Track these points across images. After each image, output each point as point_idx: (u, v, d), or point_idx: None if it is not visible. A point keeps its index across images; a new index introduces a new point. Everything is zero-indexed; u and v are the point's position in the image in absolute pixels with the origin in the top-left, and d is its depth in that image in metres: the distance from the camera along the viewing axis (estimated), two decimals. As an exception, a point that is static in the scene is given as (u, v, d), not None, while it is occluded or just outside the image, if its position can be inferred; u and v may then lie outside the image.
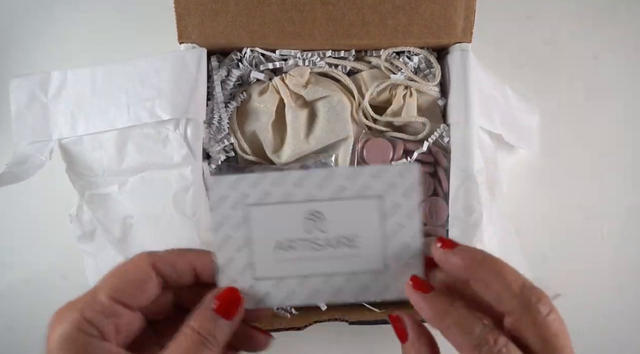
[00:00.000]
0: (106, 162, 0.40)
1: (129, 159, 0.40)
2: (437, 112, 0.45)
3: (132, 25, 0.51)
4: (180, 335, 0.27)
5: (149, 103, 0.39)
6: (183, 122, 0.39)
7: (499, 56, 0.52)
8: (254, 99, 0.43)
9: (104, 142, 0.40)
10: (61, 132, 0.39)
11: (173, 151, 0.39)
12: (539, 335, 0.26)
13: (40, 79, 0.40)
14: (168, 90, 0.39)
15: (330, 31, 0.41)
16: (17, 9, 0.51)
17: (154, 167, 0.40)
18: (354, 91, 0.44)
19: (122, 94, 0.39)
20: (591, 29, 0.53)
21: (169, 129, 0.39)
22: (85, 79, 0.40)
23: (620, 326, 0.54)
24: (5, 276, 0.52)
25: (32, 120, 0.40)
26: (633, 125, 0.54)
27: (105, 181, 0.41)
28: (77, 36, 0.51)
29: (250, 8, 0.40)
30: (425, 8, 0.40)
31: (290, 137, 0.42)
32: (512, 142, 0.47)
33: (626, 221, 0.54)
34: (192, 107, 0.39)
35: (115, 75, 0.40)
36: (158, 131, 0.39)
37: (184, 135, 0.39)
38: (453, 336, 0.27)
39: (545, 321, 0.26)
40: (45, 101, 0.40)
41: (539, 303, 0.26)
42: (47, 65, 0.50)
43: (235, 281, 0.28)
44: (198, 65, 0.40)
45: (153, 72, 0.39)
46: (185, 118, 0.39)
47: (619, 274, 0.54)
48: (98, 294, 0.27)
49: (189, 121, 0.39)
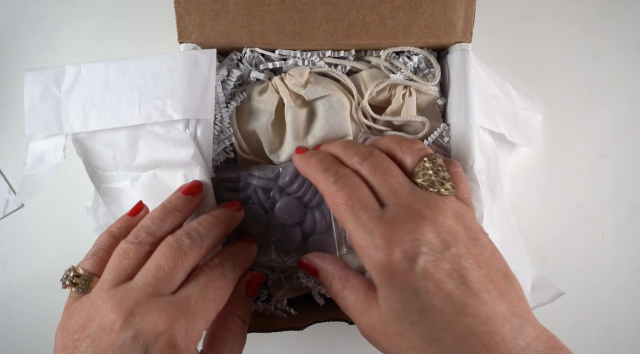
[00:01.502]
0: (119, 157, 0.41)
1: (140, 156, 0.40)
2: (437, 112, 0.45)
3: (132, 25, 0.51)
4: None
5: (161, 102, 0.39)
6: (193, 122, 0.39)
7: (499, 56, 0.52)
8: (253, 99, 0.43)
9: (117, 139, 0.40)
10: (72, 127, 0.39)
11: (182, 151, 0.39)
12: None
13: (55, 73, 0.40)
14: (180, 90, 0.39)
15: (330, 31, 0.41)
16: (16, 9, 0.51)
17: (164, 165, 0.41)
18: (353, 91, 0.44)
19: (134, 92, 0.39)
20: (591, 29, 0.53)
21: (179, 129, 0.39)
22: (98, 75, 0.40)
23: (620, 326, 0.54)
24: (5, 276, 0.52)
25: (44, 114, 0.40)
26: (633, 125, 0.54)
27: (118, 176, 0.41)
28: (77, 36, 0.51)
29: (250, 8, 0.40)
30: (425, 8, 0.40)
31: (290, 136, 0.42)
32: (516, 140, 0.47)
33: (626, 221, 0.54)
34: (203, 108, 0.39)
35: (128, 71, 0.39)
36: (168, 130, 0.39)
37: (193, 135, 0.39)
38: (314, 173, 0.35)
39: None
40: (58, 95, 0.40)
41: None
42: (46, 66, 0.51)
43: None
44: (210, 66, 0.40)
45: (165, 71, 0.39)
46: (195, 119, 0.39)
47: (619, 274, 0.54)
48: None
49: (200, 121, 0.39)
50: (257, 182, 0.41)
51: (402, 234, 0.29)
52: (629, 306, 0.54)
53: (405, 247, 0.28)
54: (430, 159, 0.33)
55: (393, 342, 0.30)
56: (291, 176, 0.41)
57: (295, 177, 0.41)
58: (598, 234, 0.54)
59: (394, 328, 0.29)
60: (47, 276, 0.52)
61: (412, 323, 0.28)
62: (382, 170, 0.32)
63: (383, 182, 0.32)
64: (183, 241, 0.32)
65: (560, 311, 0.52)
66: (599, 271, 0.54)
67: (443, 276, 0.28)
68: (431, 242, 0.29)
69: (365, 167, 0.33)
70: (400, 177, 0.32)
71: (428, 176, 0.32)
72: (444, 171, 0.33)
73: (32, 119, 0.40)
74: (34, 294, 0.52)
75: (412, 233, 0.29)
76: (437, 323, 0.28)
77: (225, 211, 0.37)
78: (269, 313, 0.44)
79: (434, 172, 0.32)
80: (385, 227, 0.29)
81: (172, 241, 0.32)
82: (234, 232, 0.40)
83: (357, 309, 0.32)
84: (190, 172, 0.39)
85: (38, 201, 0.52)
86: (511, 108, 0.47)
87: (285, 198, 0.41)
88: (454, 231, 0.30)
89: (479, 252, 0.30)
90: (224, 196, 0.41)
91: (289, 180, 0.40)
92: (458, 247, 0.29)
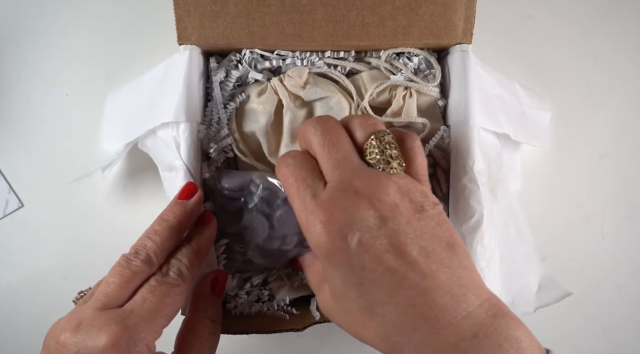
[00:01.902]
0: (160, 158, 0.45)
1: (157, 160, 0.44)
2: (437, 113, 0.45)
3: (131, 26, 0.51)
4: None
5: (153, 109, 0.41)
6: (181, 125, 0.39)
7: (499, 56, 0.52)
8: (252, 100, 0.43)
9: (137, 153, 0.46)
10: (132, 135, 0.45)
11: (171, 154, 0.39)
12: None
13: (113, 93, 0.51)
14: (165, 93, 0.40)
15: (330, 32, 0.40)
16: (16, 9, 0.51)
17: (162, 169, 0.42)
18: (352, 92, 0.43)
19: (134, 109, 0.45)
20: (591, 29, 0.53)
21: (170, 133, 0.39)
22: (119, 98, 0.49)
23: (620, 326, 0.54)
24: (6, 276, 0.52)
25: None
26: (633, 125, 0.54)
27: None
28: (78, 36, 0.51)
29: (250, 9, 0.39)
30: (425, 9, 0.40)
31: (287, 138, 0.42)
32: (522, 140, 0.46)
33: (626, 221, 0.54)
34: (187, 110, 0.39)
35: (131, 93, 0.47)
36: (160, 136, 0.40)
37: (179, 138, 0.39)
38: (278, 162, 0.34)
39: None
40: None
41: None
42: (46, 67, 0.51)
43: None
44: (189, 66, 0.40)
45: (154, 81, 0.42)
46: (181, 121, 0.39)
47: (619, 274, 0.54)
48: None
49: (185, 123, 0.39)
50: (261, 193, 0.40)
51: (337, 213, 0.29)
52: (629, 306, 0.54)
53: (339, 225, 0.28)
54: (378, 136, 0.32)
55: (341, 318, 0.31)
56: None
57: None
58: (598, 234, 0.54)
59: (339, 305, 0.30)
60: (47, 276, 0.52)
61: (354, 299, 0.29)
62: (331, 142, 0.32)
63: (329, 156, 0.31)
64: (132, 261, 0.33)
65: (561, 311, 0.52)
66: (599, 271, 0.54)
67: (381, 252, 0.28)
68: (367, 219, 0.28)
69: (317, 136, 0.32)
70: (348, 152, 0.32)
71: (374, 154, 0.31)
72: (392, 149, 0.32)
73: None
74: (34, 294, 0.52)
75: (347, 211, 0.29)
76: (377, 297, 0.28)
77: (180, 220, 0.36)
78: (270, 314, 0.44)
79: (380, 151, 0.31)
80: (322, 207, 0.29)
81: (122, 260, 0.33)
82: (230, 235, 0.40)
83: (315, 290, 0.36)
84: (178, 174, 0.40)
85: (38, 201, 0.52)
86: (518, 107, 0.47)
87: (284, 207, 0.40)
88: (394, 206, 0.29)
89: (422, 225, 0.29)
90: (224, 203, 0.41)
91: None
92: (396, 222, 0.29)
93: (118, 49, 0.51)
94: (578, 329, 0.54)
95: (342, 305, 0.30)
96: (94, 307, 0.31)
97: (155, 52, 0.45)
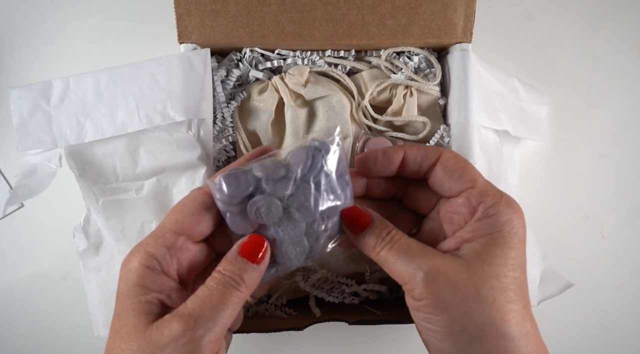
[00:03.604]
0: (119, 168, 0.40)
1: (142, 163, 0.40)
2: (438, 112, 0.45)
3: (131, 26, 0.51)
4: (209, 279, 0.28)
5: (160, 105, 0.39)
6: (195, 122, 0.39)
7: (499, 56, 0.52)
8: (253, 98, 0.43)
9: (116, 148, 0.40)
10: (67, 139, 0.39)
11: (187, 153, 0.39)
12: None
13: (42, 88, 0.39)
14: (178, 91, 0.39)
15: (331, 31, 0.41)
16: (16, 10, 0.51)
17: (169, 169, 0.41)
18: (353, 91, 0.44)
19: (129, 98, 0.39)
20: (591, 29, 0.53)
21: (182, 131, 0.39)
22: (88, 85, 0.39)
23: (620, 326, 0.54)
24: (6, 276, 0.52)
25: (36, 129, 0.39)
26: (633, 125, 0.54)
27: (121, 187, 0.41)
28: (77, 37, 0.51)
29: (250, 8, 0.40)
30: (425, 8, 0.40)
31: (289, 136, 0.42)
32: (522, 135, 0.47)
33: (626, 221, 0.54)
34: (203, 108, 0.39)
35: (121, 79, 0.39)
36: (170, 133, 0.40)
37: (197, 136, 0.39)
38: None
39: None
40: (48, 109, 0.39)
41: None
42: (45, 68, 0.51)
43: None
44: (204, 65, 0.40)
45: (160, 75, 0.39)
46: (197, 119, 0.39)
47: (619, 274, 0.54)
48: (163, 229, 0.29)
49: (201, 121, 0.39)
50: (269, 189, 0.34)
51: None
52: (629, 306, 0.54)
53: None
54: None
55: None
56: (304, 163, 0.32)
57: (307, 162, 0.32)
58: (598, 234, 0.54)
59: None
60: (47, 276, 0.52)
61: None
62: None
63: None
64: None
65: (561, 310, 0.52)
66: (599, 271, 0.54)
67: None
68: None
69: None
70: None
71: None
72: None
73: (23, 136, 0.39)
74: (34, 294, 0.52)
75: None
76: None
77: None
78: (269, 314, 0.44)
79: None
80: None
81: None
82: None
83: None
84: (195, 173, 0.39)
85: (38, 201, 0.52)
86: (517, 102, 0.47)
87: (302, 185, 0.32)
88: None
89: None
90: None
91: (303, 167, 0.32)
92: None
93: (118, 49, 0.51)
94: (578, 329, 0.54)
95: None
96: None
97: (155, 52, 0.45)
